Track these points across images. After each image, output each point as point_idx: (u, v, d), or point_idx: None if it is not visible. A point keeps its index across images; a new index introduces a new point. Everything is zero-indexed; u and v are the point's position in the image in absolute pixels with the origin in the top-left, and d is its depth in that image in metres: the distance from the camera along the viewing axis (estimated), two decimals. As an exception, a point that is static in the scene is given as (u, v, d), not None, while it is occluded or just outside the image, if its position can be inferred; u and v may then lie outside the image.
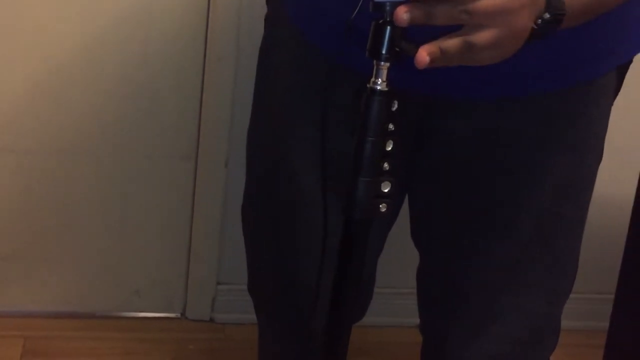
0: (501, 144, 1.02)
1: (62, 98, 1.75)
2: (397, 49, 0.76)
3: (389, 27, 0.76)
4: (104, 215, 1.85)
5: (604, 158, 1.08)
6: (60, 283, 1.88)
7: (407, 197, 1.11)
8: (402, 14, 0.73)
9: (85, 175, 1.81)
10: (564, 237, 1.07)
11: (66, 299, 1.89)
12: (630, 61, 1.04)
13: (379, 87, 0.77)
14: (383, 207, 0.80)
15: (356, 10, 0.80)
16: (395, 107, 0.78)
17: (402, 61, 0.77)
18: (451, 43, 0.75)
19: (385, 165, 0.79)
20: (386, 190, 0.79)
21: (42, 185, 1.80)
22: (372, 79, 0.78)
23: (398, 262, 1.48)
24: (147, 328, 1.90)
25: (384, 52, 0.76)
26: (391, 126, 0.79)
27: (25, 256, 1.85)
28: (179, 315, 1.95)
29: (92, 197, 1.83)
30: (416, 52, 0.75)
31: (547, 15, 0.79)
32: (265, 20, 1.15)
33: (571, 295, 1.12)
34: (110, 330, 1.87)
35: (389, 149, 0.79)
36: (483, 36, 0.75)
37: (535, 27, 0.79)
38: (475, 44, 0.75)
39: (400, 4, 0.74)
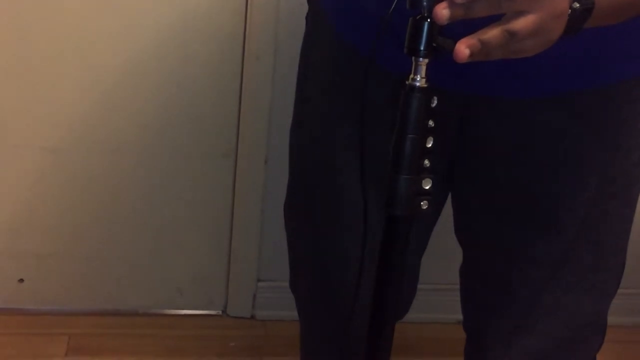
0: (542, 141, 1.00)
1: (103, 98, 1.76)
2: (434, 45, 0.75)
3: (426, 23, 0.74)
4: (145, 213, 1.86)
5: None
6: (103, 281, 1.90)
7: (449, 194, 1.11)
8: (442, 10, 0.71)
9: (126, 174, 1.83)
10: (610, 235, 1.06)
11: (109, 297, 1.91)
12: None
13: (417, 84, 0.76)
14: (424, 205, 0.79)
15: (392, 7, 0.78)
16: (434, 103, 0.77)
17: (440, 57, 0.76)
18: (491, 34, 0.73)
19: (426, 162, 0.78)
20: (427, 187, 0.79)
21: (84, 184, 1.82)
22: (411, 76, 0.76)
23: (438, 258, 1.47)
24: (189, 325, 1.92)
25: (422, 48, 0.75)
26: (431, 123, 0.78)
27: (68, 255, 1.87)
28: (220, 312, 1.96)
29: (134, 196, 1.85)
30: (454, 46, 0.73)
31: (576, 5, 0.77)
32: (306, 18, 1.15)
33: (615, 291, 1.11)
34: (152, 327, 1.89)
35: (429, 145, 0.78)
36: (524, 22, 0.73)
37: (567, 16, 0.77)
38: (517, 31, 0.73)
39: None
